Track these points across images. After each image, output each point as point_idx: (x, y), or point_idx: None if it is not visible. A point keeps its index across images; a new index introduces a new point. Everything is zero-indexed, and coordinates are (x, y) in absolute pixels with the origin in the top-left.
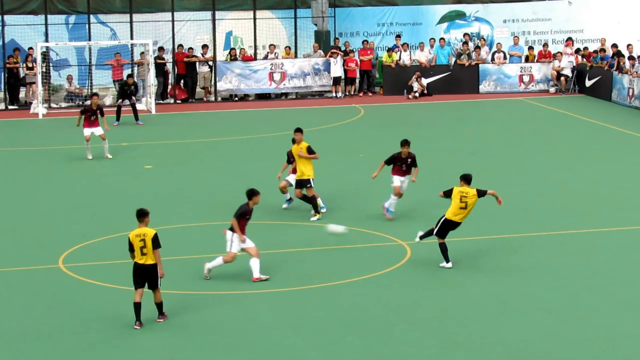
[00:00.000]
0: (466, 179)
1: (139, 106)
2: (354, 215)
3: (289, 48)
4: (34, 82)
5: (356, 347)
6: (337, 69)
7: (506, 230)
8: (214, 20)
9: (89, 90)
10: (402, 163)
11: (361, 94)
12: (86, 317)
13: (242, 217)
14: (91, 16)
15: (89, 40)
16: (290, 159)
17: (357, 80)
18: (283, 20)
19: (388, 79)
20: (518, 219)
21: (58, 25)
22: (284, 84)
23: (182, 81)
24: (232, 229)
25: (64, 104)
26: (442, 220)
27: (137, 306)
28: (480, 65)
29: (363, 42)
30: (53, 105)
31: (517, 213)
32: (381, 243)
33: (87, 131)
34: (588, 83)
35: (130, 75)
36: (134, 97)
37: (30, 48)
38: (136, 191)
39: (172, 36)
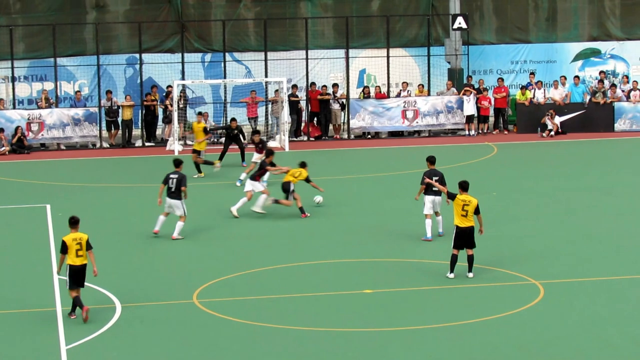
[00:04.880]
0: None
1: (272, 143)
2: (487, 253)
3: (422, 86)
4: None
5: None
6: (470, 107)
7: None
8: (347, 58)
9: None
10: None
11: (495, 132)
12: (219, 353)
13: None
14: (226, 54)
15: (225, 78)
16: None
17: (491, 118)
18: (416, 58)
19: (522, 117)
20: None
21: (194, 63)
22: (417, 122)
23: (315, 119)
24: None
25: None
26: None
27: (77, 299)
28: (615, 103)
29: (498, 80)
30: (189, 142)
31: None
32: (513, 282)
33: None
34: None
35: (233, 119)
36: (244, 141)
37: (169, 86)
38: (268, 228)
39: (306, 74)
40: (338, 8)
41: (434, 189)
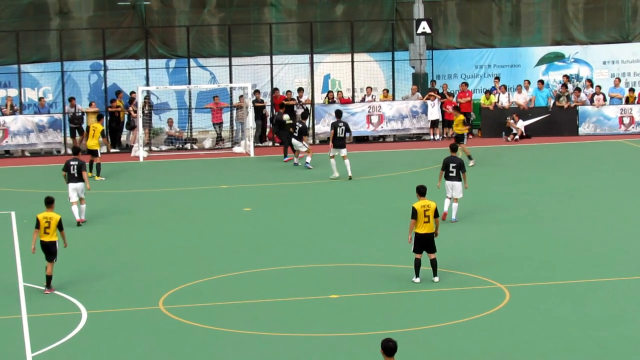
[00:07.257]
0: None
1: (237, 149)
2: (451, 257)
3: (387, 91)
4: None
5: None
6: (434, 112)
7: (606, 274)
8: (312, 63)
9: (189, 133)
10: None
11: None
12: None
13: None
14: (191, 60)
15: (189, 83)
16: None
17: None
18: (381, 62)
19: (486, 122)
20: (618, 263)
21: (159, 69)
22: (382, 127)
23: None
24: None
25: (164, 147)
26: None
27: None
28: (579, 107)
29: (461, 85)
30: (154, 148)
31: (617, 257)
32: (479, 286)
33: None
34: None
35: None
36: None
37: (133, 92)
38: (235, 233)
39: (271, 79)
40: (302, 13)
41: (450, 174)
